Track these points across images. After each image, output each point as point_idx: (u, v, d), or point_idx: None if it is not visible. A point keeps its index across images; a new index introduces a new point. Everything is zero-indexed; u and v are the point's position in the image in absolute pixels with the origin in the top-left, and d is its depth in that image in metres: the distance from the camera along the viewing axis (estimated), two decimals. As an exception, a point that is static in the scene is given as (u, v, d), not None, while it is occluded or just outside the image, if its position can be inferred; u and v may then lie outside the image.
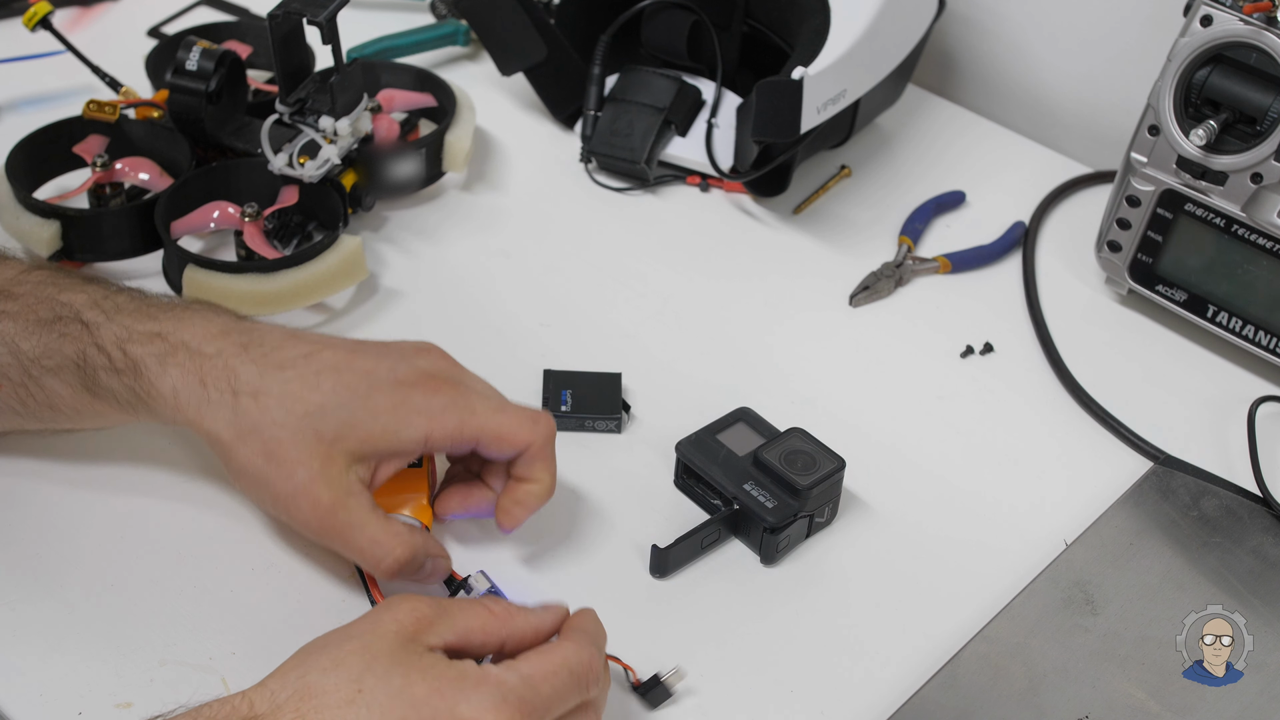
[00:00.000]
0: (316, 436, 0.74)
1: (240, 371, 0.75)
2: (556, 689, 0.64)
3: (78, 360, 0.76)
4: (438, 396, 0.76)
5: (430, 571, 0.77)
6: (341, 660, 0.62)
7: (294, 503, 0.74)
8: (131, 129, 1.02)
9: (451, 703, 0.60)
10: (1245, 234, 0.94)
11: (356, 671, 0.61)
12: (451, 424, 0.76)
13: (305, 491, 0.73)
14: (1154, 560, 0.84)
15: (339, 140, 0.98)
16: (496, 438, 0.77)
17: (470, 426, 0.76)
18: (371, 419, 0.75)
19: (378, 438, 0.75)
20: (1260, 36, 0.89)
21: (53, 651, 0.74)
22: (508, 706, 0.61)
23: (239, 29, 1.17)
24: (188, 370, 0.75)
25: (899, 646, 0.78)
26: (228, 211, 0.97)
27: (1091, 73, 1.21)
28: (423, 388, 0.76)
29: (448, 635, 0.64)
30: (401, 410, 0.75)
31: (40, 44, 1.11)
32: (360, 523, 0.74)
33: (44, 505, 0.82)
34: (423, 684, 0.61)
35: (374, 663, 0.61)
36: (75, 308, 0.77)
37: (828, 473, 0.82)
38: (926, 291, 1.05)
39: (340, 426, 0.74)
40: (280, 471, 0.74)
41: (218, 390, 0.74)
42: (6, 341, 0.77)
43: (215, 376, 0.75)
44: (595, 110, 1.12)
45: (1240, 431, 0.93)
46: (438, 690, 0.61)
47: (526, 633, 0.67)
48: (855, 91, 1.04)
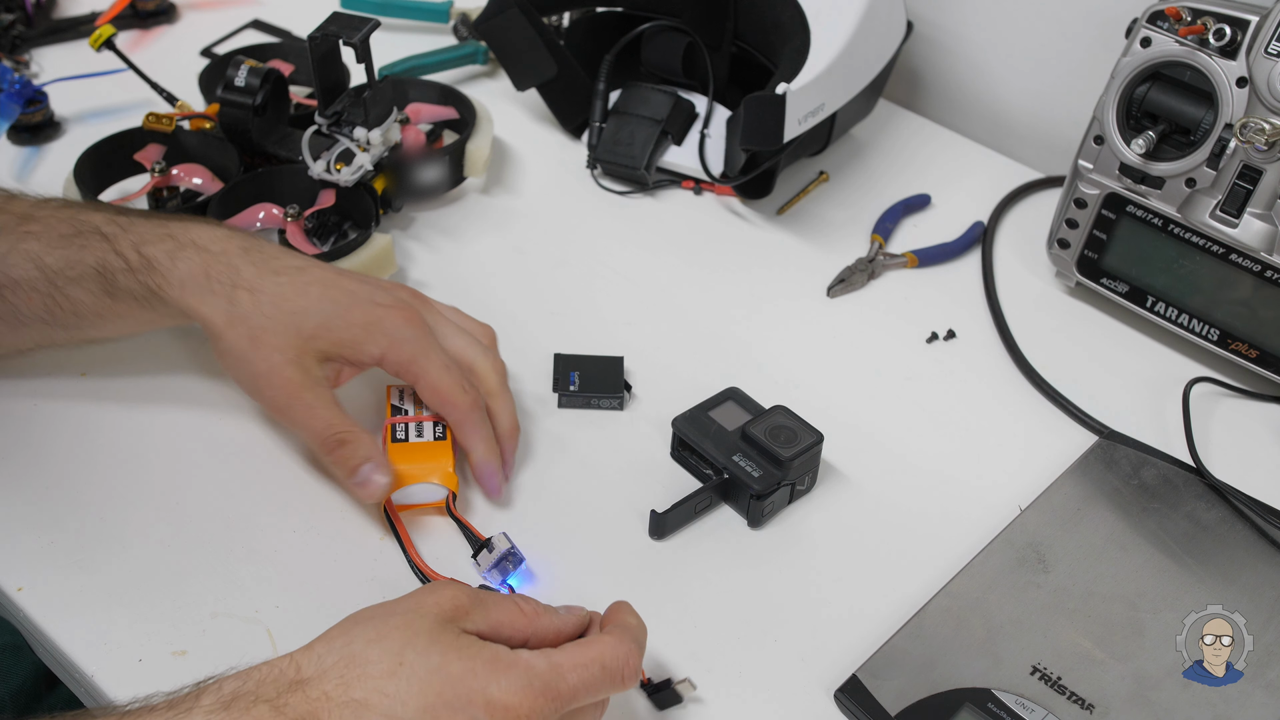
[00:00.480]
0: (296, 331, 0.76)
1: (241, 269, 0.77)
2: (585, 680, 0.62)
3: (98, 267, 0.77)
4: (407, 328, 0.78)
5: (365, 479, 0.76)
6: (386, 634, 0.60)
7: (267, 380, 0.76)
8: (186, 139, 1.02)
9: (484, 682, 0.59)
10: (1180, 233, 0.94)
11: (398, 646, 0.59)
12: (405, 355, 0.78)
13: (278, 371, 0.76)
14: (1099, 524, 0.83)
15: (371, 149, 0.97)
16: (432, 388, 0.78)
17: (417, 365, 0.78)
18: (345, 328, 0.77)
19: (346, 345, 0.77)
20: (1193, 56, 0.88)
21: (115, 604, 0.73)
22: (532, 691, 0.60)
23: (282, 49, 1.16)
24: (194, 264, 0.77)
25: (871, 600, 0.78)
26: (272, 212, 0.96)
27: (1043, 88, 1.20)
28: (397, 315, 0.79)
29: (481, 624, 0.62)
30: (372, 328, 0.78)
31: (105, 63, 1.11)
32: (318, 404, 0.76)
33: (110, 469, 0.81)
34: (459, 663, 0.59)
35: (415, 639, 0.60)
36: (94, 223, 0.78)
37: (808, 445, 0.82)
38: (896, 284, 1.05)
39: (317, 328, 0.76)
40: (259, 354, 0.76)
41: (219, 283, 0.76)
42: (32, 258, 0.77)
43: (218, 270, 0.77)
44: (600, 122, 1.12)
45: (1176, 409, 0.93)
46: (472, 670, 0.59)
47: (549, 633, 0.65)
48: (832, 105, 1.04)
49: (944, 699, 0.71)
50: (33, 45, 1.23)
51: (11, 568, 0.75)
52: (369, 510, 0.80)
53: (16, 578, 0.74)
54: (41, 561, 0.76)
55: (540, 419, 0.88)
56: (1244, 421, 0.93)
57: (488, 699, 0.59)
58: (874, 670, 0.73)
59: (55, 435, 0.83)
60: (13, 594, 0.74)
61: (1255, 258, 0.90)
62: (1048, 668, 0.73)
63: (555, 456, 0.86)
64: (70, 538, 0.77)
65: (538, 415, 0.88)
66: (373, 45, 0.94)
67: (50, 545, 0.77)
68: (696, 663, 0.74)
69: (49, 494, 0.79)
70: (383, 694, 0.57)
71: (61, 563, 0.75)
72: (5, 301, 0.78)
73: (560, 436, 0.87)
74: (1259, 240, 0.89)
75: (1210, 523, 0.84)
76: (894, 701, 0.71)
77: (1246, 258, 0.91)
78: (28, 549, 0.76)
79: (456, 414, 0.79)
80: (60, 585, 0.74)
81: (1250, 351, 0.94)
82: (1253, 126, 0.85)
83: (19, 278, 0.77)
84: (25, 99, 1.10)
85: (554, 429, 0.88)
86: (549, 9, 1.16)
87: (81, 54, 1.15)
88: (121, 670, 0.70)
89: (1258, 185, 0.88)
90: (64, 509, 0.79)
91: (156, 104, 1.10)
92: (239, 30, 1.29)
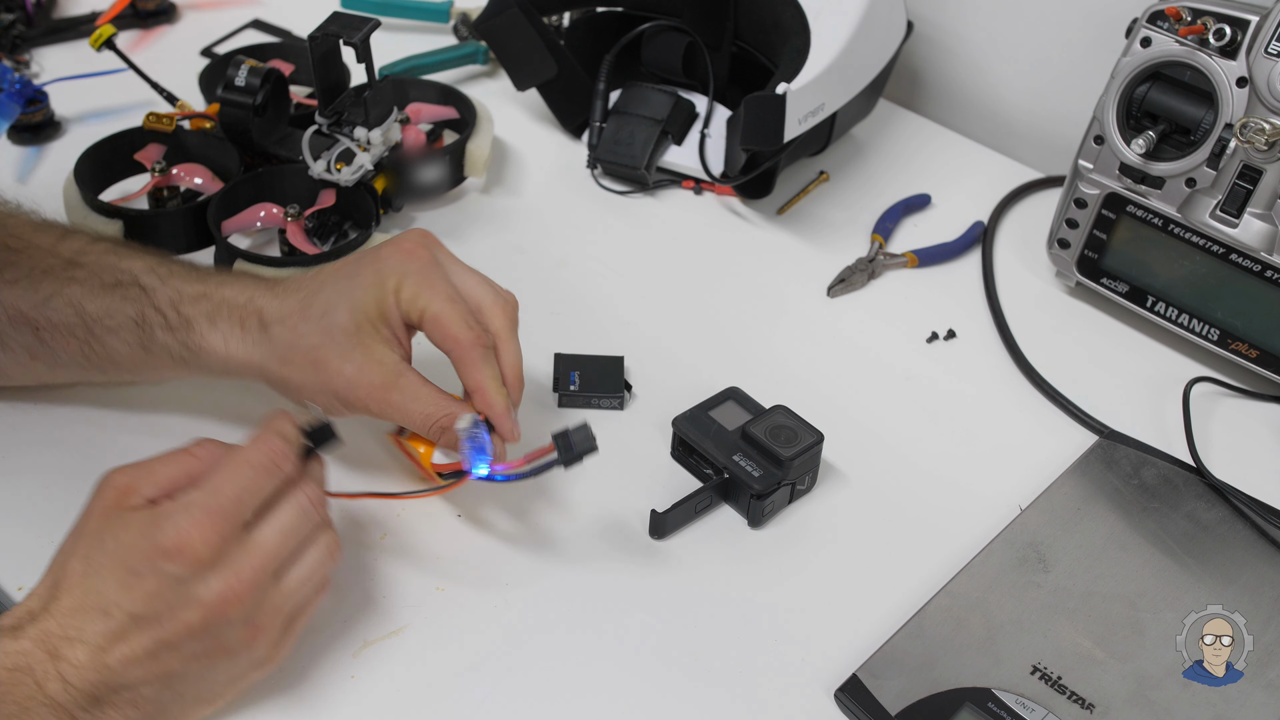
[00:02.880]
0: (340, 330, 0.74)
1: (265, 308, 0.76)
2: (242, 484, 0.63)
3: (136, 319, 0.77)
4: (410, 262, 0.76)
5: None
6: (73, 547, 0.63)
7: (352, 393, 0.74)
8: (186, 138, 1.02)
9: (151, 536, 0.61)
10: (1180, 232, 0.94)
11: (81, 550, 0.62)
12: (409, 291, 0.75)
13: (356, 382, 0.74)
14: (1099, 523, 0.83)
15: (371, 148, 0.97)
16: (434, 319, 0.75)
17: (422, 298, 0.75)
18: (365, 293, 0.75)
19: (376, 306, 0.75)
20: (1194, 56, 0.88)
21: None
22: (193, 520, 0.61)
23: (283, 49, 1.16)
24: (230, 321, 0.76)
25: (871, 600, 0.78)
26: (272, 212, 0.96)
27: (1043, 88, 1.20)
28: (398, 253, 0.77)
29: (149, 491, 0.64)
30: (381, 275, 0.75)
31: (105, 63, 1.11)
32: (404, 399, 0.74)
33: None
34: (126, 534, 0.61)
35: (86, 536, 0.63)
36: (134, 273, 0.78)
37: (808, 445, 0.82)
38: (896, 284, 1.04)
39: (350, 313, 0.74)
40: (328, 375, 0.74)
41: (251, 329, 0.76)
42: (74, 304, 0.77)
43: (248, 318, 0.76)
44: (600, 122, 1.11)
45: (1176, 408, 0.93)
46: (140, 533, 0.61)
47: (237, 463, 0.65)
48: (832, 105, 1.04)
49: (944, 698, 0.71)
50: (33, 45, 1.23)
51: (11, 568, 0.75)
52: (367, 506, 0.80)
53: (16, 578, 0.74)
54: (42, 562, 0.75)
55: (540, 419, 0.88)
56: (1244, 421, 0.93)
57: (161, 549, 0.61)
58: (874, 670, 0.73)
59: (56, 435, 0.83)
60: (13, 594, 0.74)
61: (1255, 258, 0.90)
62: (1048, 667, 0.73)
63: (555, 456, 0.86)
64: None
65: (538, 415, 0.88)
66: (373, 45, 0.94)
67: (50, 545, 0.76)
68: (697, 662, 0.73)
69: (49, 494, 0.79)
70: (86, 592, 0.61)
71: (62, 562, 0.75)
72: (45, 344, 0.78)
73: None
74: (1259, 240, 0.89)
75: (1210, 523, 0.84)
76: (894, 701, 0.71)
77: (1246, 258, 0.91)
78: (28, 549, 0.76)
79: (458, 349, 0.75)
80: (61, 585, 0.74)
81: (1250, 351, 0.94)
82: (1253, 126, 0.85)
83: (58, 322, 0.77)
84: (25, 99, 1.10)
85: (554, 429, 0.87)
86: (549, 9, 1.16)
87: (82, 54, 1.14)
88: (122, 670, 0.70)
89: (1258, 185, 0.88)
90: (64, 509, 0.79)
91: (157, 104, 1.10)
92: (239, 30, 1.29)
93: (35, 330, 0.77)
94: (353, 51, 0.93)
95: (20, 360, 0.79)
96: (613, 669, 0.73)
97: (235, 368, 0.77)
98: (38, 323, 0.77)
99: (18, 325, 0.78)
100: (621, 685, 0.72)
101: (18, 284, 0.77)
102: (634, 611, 0.76)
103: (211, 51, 1.25)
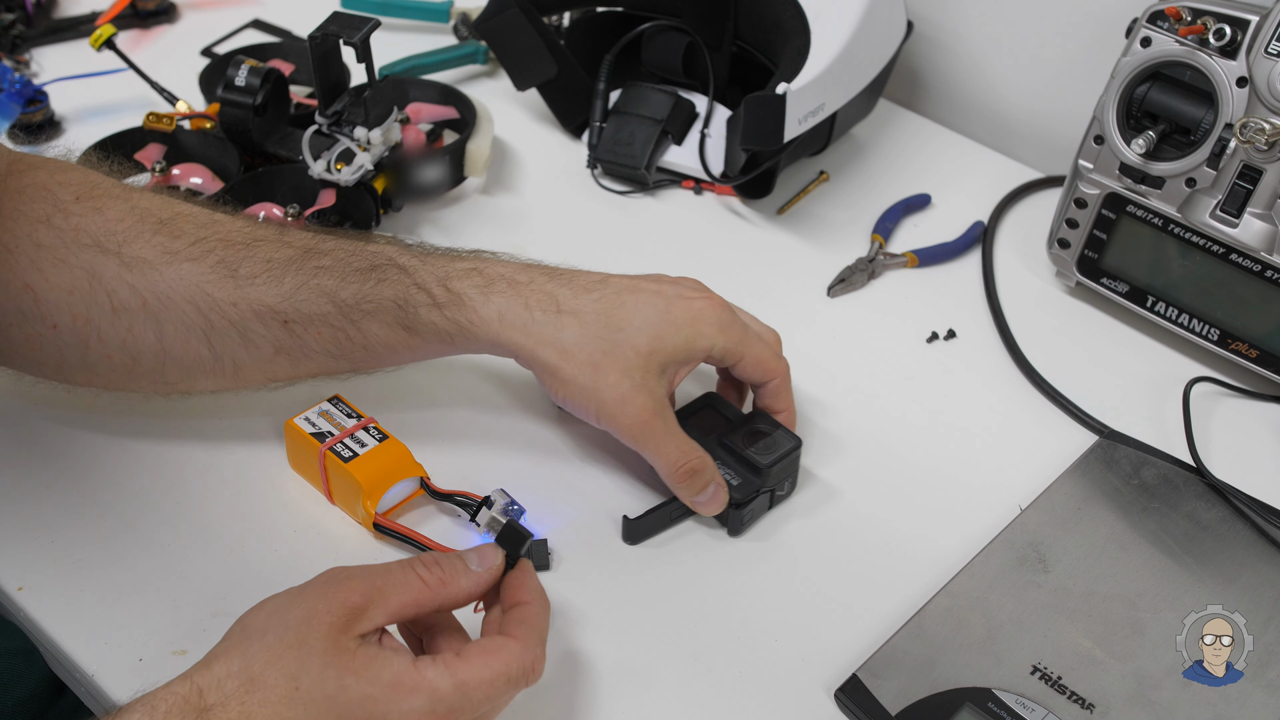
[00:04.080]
0: (634, 351, 0.76)
1: (558, 294, 0.77)
2: (489, 695, 0.60)
3: (397, 300, 0.76)
4: (725, 313, 0.80)
5: (711, 497, 0.78)
6: (281, 654, 0.58)
7: (619, 409, 0.76)
8: (186, 138, 1.02)
9: (385, 709, 0.57)
10: (1181, 232, 0.93)
11: (293, 669, 0.57)
12: (733, 339, 0.79)
13: (629, 400, 0.76)
14: (1099, 523, 0.83)
15: (372, 148, 0.97)
16: (757, 360, 0.81)
17: (744, 344, 0.79)
18: (674, 333, 0.77)
19: (680, 351, 0.78)
20: (1194, 56, 0.88)
21: (115, 604, 0.74)
22: (436, 716, 0.58)
23: (283, 49, 1.16)
24: (510, 297, 0.76)
25: (871, 600, 0.78)
26: (273, 212, 0.96)
27: (1043, 88, 1.20)
28: (710, 305, 0.80)
29: (380, 618, 0.60)
30: (697, 323, 0.78)
31: (105, 62, 1.11)
32: (671, 431, 0.77)
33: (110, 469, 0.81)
34: (357, 687, 0.57)
35: (309, 661, 0.58)
36: (388, 255, 0.78)
37: (786, 451, 0.81)
38: (896, 284, 1.04)
39: (651, 341, 0.77)
40: (605, 382, 0.76)
41: (542, 310, 0.76)
42: (327, 293, 0.76)
43: (538, 299, 0.76)
44: (600, 122, 1.11)
45: (1176, 408, 0.93)
46: (371, 696, 0.57)
47: (459, 599, 0.63)
48: (832, 105, 1.04)
49: (944, 698, 0.71)
50: (33, 45, 1.23)
51: (11, 568, 0.75)
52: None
53: (16, 578, 0.74)
54: (41, 561, 0.76)
55: (538, 420, 0.88)
56: (1244, 421, 0.93)
57: None
58: (874, 670, 0.73)
59: (55, 435, 0.83)
60: (13, 594, 0.74)
61: (1255, 258, 0.90)
62: (1048, 667, 0.73)
63: (551, 458, 0.86)
64: (70, 538, 0.77)
65: (535, 416, 0.88)
66: (373, 45, 0.94)
67: (50, 545, 0.77)
68: (697, 662, 0.73)
69: (49, 494, 0.79)
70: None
71: (61, 563, 0.75)
72: (294, 336, 0.76)
73: (558, 437, 0.87)
74: (1259, 240, 0.89)
75: (1210, 523, 0.84)
76: (894, 701, 0.71)
77: (1246, 258, 0.91)
78: (28, 549, 0.76)
79: (778, 379, 0.82)
80: (60, 585, 0.74)
81: (1250, 351, 0.94)
82: (1253, 126, 0.85)
83: (311, 313, 0.76)
84: (25, 99, 1.10)
85: (552, 430, 0.88)
86: (549, 9, 1.16)
87: (82, 54, 1.14)
88: (122, 670, 0.70)
89: (1258, 185, 0.88)
90: (64, 509, 0.79)
91: (157, 104, 1.09)
92: (239, 30, 1.29)
93: (284, 323, 0.76)
94: (353, 51, 0.93)
95: (264, 356, 0.77)
96: (612, 669, 0.73)
97: (504, 342, 0.76)
98: (287, 315, 0.76)
99: (265, 320, 0.76)
100: (621, 685, 0.72)
101: (257, 279, 0.75)
102: (632, 612, 0.76)
103: (211, 51, 1.25)
